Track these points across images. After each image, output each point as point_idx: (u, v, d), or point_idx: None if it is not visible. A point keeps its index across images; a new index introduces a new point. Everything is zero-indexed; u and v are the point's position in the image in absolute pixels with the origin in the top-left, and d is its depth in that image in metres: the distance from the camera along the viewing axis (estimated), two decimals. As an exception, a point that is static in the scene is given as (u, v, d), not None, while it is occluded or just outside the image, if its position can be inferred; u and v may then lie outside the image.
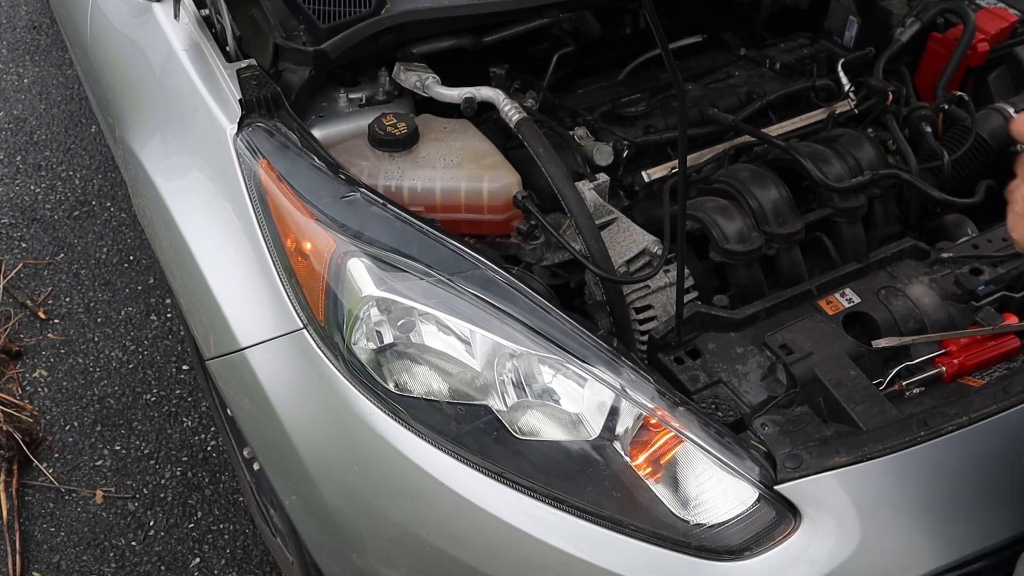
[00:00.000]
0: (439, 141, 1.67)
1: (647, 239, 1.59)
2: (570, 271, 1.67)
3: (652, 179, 1.77)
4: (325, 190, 1.44)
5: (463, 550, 1.33)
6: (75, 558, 2.25)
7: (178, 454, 2.44)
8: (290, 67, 1.68)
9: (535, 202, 1.59)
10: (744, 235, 1.61)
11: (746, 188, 1.66)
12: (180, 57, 1.72)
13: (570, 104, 1.91)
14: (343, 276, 1.37)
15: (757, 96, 1.92)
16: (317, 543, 1.59)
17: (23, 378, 2.62)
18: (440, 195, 1.61)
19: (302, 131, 1.55)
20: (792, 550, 1.23)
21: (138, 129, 1.84)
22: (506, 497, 1.27)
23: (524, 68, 1.97)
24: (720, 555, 1.24)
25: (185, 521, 2.32)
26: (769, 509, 1.24)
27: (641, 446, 1.30)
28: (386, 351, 1.35)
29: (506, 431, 1.30)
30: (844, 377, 1.38)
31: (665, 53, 1.11)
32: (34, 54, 3.80)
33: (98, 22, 2.10)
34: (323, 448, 1.41)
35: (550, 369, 1.32)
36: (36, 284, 2.89)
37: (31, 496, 2.36)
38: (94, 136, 3.41)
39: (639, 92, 1.95)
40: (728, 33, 2.17)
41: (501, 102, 1.66)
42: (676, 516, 1.26)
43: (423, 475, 1.30)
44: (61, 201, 3.17)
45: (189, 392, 2.59)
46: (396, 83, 1.78)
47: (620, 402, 1.30)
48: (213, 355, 1.55)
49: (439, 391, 1.33)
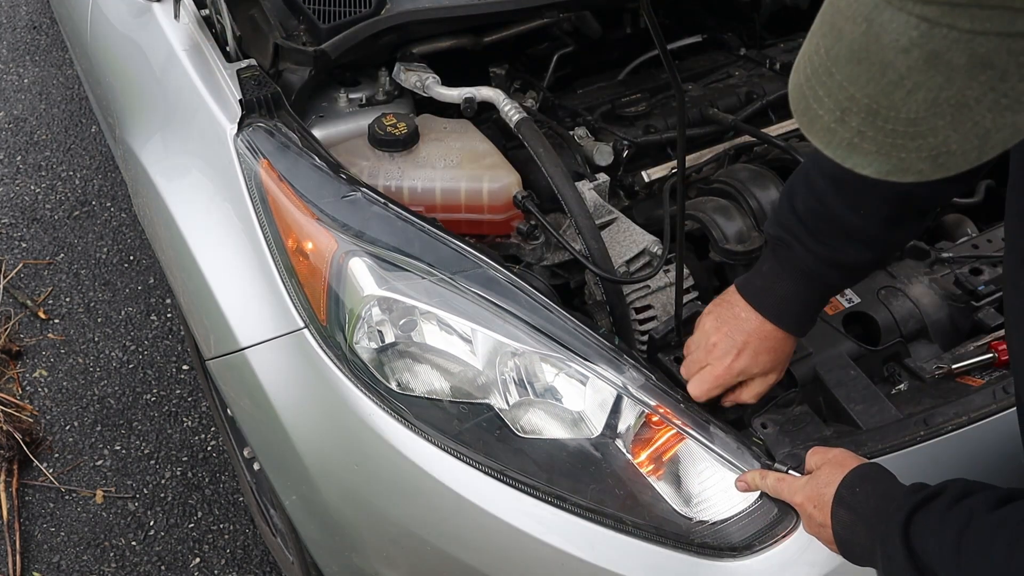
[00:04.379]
0: (439, 141, 1.67)
1: (647, 239, 1.60)
2: (570, 271, 1.67)
3: (652, 179, 1.77)
4: (326, 190, 1.44)
5: (463, 550, 1.33)
6: (75, 558, 2.25)
7: (178, 454, 2.45)
8: (290, 67, 1.68)
9: (535, 202, 1.59)
10: (744, 235, 1.61)
11: (746, 188, 1.66)
12: (180, 57, 1.72)
13: (570, 104, 1.91)
14: (345, 276, 1.37)
15: (757, 96, 1.92)
16: (317, 543, 1.59)
17: (23, 378, 2.62)
18: (440, 195, 1.61)
19: (302, 131, 1.55)
20: (792, 549, 1.23)
21: (138, 129, 1.84)
22: (506, 497, 1.27)
23: (524, 68, 1.97)
24: (722, 553, 1.24)
25: (185, 521, 2.32)
26: (771, 506, 1.24)
27: (643, 443, 1.30)
28: (388, 350, 1.35)
29: (508, 429, 1.30)
30: (844, 377, 1.38)
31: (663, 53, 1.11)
32: (34, 54, 3.80)
33: (98, 22, 2.10)
34: (323, 448, 1.42)
35: (552, 367, 1.32)
36: (36, 284, 2.89)
37: (31, 496, 2.36)
38: (94, 136, 3.41)
39: (639, 92, 1.95)
40: (728, 33, 2.17)
41: (501, 102, 1.66)
42: (678, 513, 1.26)
43: (423, 475, 1.30)
44: (61, 201, 3.17)
45: (189, 392, 2.59)
46: (396, 83, 1.78)
47: (622, 400, 1.30)
48: (213, 355, 1.55)
49: (441, 390, 1.33)
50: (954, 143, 0.70)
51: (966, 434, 1.28)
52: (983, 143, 0.70)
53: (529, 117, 1.63)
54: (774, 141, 1.77)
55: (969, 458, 1.30)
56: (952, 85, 0.68)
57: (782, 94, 1.92)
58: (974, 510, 0.98)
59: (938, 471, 1.29)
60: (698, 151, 1.82)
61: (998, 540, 0.94)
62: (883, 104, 0.71)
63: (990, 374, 1.40)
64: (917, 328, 1.48)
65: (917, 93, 0.69)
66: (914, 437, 1.27)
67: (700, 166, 1.80)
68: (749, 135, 1.81)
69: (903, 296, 1.50)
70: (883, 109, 0.71)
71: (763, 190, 1.66)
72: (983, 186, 1.77)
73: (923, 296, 1.50)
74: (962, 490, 1.02)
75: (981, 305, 1.50)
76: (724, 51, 2.14)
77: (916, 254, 1.58)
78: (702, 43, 2.15)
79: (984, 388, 1.34)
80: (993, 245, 1.59)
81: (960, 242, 1.62)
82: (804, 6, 2.14)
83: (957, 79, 0.68)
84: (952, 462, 1.29)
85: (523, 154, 1.64)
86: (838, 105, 0.73)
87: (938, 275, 1.54)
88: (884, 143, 0.72)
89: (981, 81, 0.67)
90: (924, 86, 0.69)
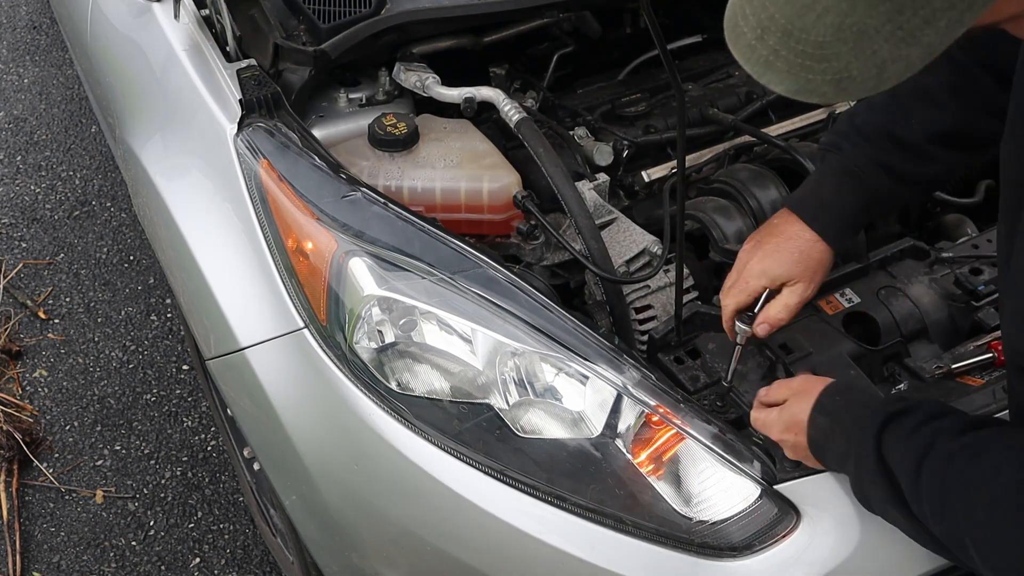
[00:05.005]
0: (439, 141, 1.67)
1: (647, 239, 1.60)
2: (570, 271, 1.67)
3: (652, 179, 1.77)
4: (326, 190, 1.44)
5: (463, 550, 1.33)
6: (75, 558, 2.25)
7: (178, 454, 2.45)
8: (290, 67, 1.68)
9: (535, 202, 1.59)
10: (744, 235, 1.61)
11: (746, 188, 1.66)
12: (180, 57, 1.72)
13: (570, 104, 1.91)
14: (345, 275, 1.37)
15: (757, 96, 1.92)
16: (317, 543, 1.59)
17: (23, 378, 2.62)
18: (440, 195, 1.61)
19: (302, 131, 1.55)
20: (792, 549, 1.23)
21: (138, 129, 1.84)
22: (506, 496, 1.27)
23: (524, 68, 1.97)
24: (722, 552, 1.24)
25: (185, 521, 2.32)
26: (771, 505, 1.24)
27: (643, 443, 1.30)
28: (388, 350, 1.35)
29: (508, 429, 1.30)
30: (844, 377, 1.37)
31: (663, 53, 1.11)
32: (34, 54, 3.80)
33: (98, 22, 2.10)
34: (323, 448, 1.41)
35: (552, 367, 1.32)
36: (36, 284, 2.89)
37: (31, 496, 2.36)
38: (94, 136, 3.41)
39: (639, 92, 1.95)
40: (728, 33, 2.17)
41: (501, 102, 1.66)
42: (678, 513, 1.26)
43: (423, 475, 1.30)
44: (61, 201, 3.17)
45: (189, 392, 2.59)
46: (396, 83, 1.78)
47: (622, 399, 1.30)
48: (213, 355, 1.55)
49: (441, 390, 1.33)
50: (855, 69, 0.77)
51: (966, 434, 1.28)
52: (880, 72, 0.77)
53: (529, 117, 1.63)
54: (774, 141, 1.77)
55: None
56: (855, 12, 0.75)
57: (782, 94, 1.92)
58: (938, 434, 1.04)
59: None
60: (698, 151, 1.82)
61: (952, 468, 1.00)
62: (796, 25, 0.78)
63: (990, 374, 1.40)
64: (917, 328, 1.48)
65: (826, 17, 0.76)
66: (914, 437, 1.27)
67: (700, 166, 1.80)
68: (749, 135, 1.81)
69: (903, 296, 1.50)
70: (796, 30, 0.78)
71: (763, 190, 1.66)
72: (983, 186, 1.77)
73: (923, 296, 1.50)
74: (934, 411, 1.08)
75: (981, 305, 1.50)
76: (724, 51, 2.13)
77: (916, 254, 1.58)
78: (702, 43, 2.15)
79: (984, 388, 1.34)
80: (993, 245, 1.59)
81: (960, 242, 1.62)
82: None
83: (859, 6, 0.75)
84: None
85: (523, 154, 1.64)
86: (760, 23, 0.80)
87: (938, 275, 1.54)
88: (795, 63, 0.80)
89: (880, 11, 0.74)
90: (832, 11, 0.75)
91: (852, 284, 1.54)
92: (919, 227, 1.82)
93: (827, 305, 1.50)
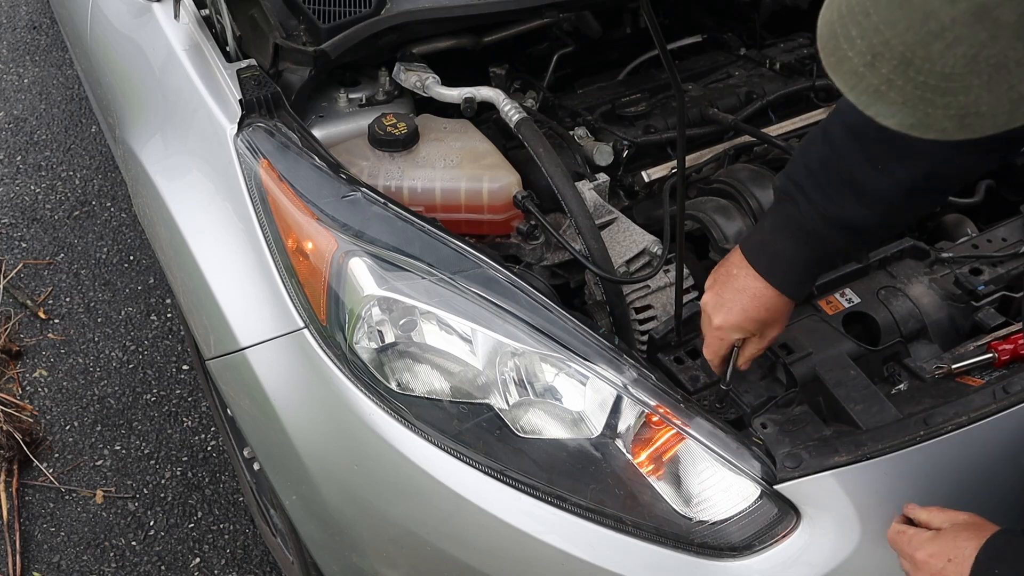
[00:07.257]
0: (439, 141, 1.67)
1: (647, 239, 1.60)
2: (570, 271, 1.67)
3: (652, 179, 1.77)
4: (326, 190, 1.44)
5: (463, 550, 1.33)
6: (75, 558, 2.25)
7: (178, 454, 2.45)
8: (290, 67, 1.68)
9: (535, 202, 1.59)
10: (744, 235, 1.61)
11: (746, 188, 1.66)
12: (180, 57, 1.72)
13: (570, 104, 1.91)
14: (345, 275, 1.37)
15: (757, 96, 1.92)
16: (317, 543, 1.59)
17: (23, 378, 2.62)
18: (440, 195, 1.61)
19: (302, 131, 1.55)
20: (792, 549, 1.23)
21: (138, 129, 1.84)
22: (506, 496, 1.27)
23: (524, 68, 1.97)
24: (722, 553, 1.24)
25: (185, 521, 2.32)
26: (771, 506, 1.24)
27: (643, 443, 1.30)
28: (388, 350, 1.35)
29: (508, 429, 1.30)
30: (844, 377, 1.38)
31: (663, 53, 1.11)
32: (34, 54, 3.80)
33: (98, 22, 2.10)
34: (323, 448, 1.42)
35: (552, 367, 1.32)
36: (36, 284, 2.89)
37: (31, 496, 2.36)
38: (94, 136, 3.41)
39: (639, 92, 1.95)
40: (728, 33, 2.17)
41: (501, 102, 1.66)
42: (678, 513, 1.26)
43: (423, 475, 1.30)
44: (61, 201, 3.17)
45: (189, 392, 2.59)
46: (396, 83, 1.78)
47: (622, 400, 1.30)
48: (213, 355, 1.55)
49: (441, 390, 1.33)
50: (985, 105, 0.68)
51: (966, 434, 1.28)
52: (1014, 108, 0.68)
53: (529, 117, 1.63)
54: (774, 141, 1.77)
55: (968, 458, 1.30)
56: (996, 44, 0.65)
57: (782, 94, 1.92)
58: None
59: (938, 471, 1.29)
60: (698, 151, 1.82)
61: None
62: (919, 54, 0.68)
63: (990, 374, 1.41)
64: (917, 328, 1.48)
65: (957, 47, 0.67)
66: (914, 437, 1.27)
67: (700, 166, 1.80)
68: (749, 135, 1.81)
69: (903, 296, 1.50)
70: (918, 59, 0.68)
71: (763, 190, 1.66)
72: (983, 186, 1.77)
73: (923, 296, 1.50)
74: None
75: (981, 305, 1.50)
76: (724, 51, 2.14)
77: (916, 254, 1.58)
78: (702, 43, 2.15)
79: (984, 388, 1.34)
80: (993, 245, 1.59)
81: (960, 242, 1.62)
82: (804, 6, 2.14)
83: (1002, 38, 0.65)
84: (951, 462, 1.29)
85: (523, 154, 1.64)
86: (870, 48, 0.70)
87: (938, 275, 1.54)
88: (912, 95, 0.70)
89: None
90: (966, 41, 0.66)
91: (852, 284, 1.54)
92: (919, 227, 1.82)
93: (827, 305, 1.50)
